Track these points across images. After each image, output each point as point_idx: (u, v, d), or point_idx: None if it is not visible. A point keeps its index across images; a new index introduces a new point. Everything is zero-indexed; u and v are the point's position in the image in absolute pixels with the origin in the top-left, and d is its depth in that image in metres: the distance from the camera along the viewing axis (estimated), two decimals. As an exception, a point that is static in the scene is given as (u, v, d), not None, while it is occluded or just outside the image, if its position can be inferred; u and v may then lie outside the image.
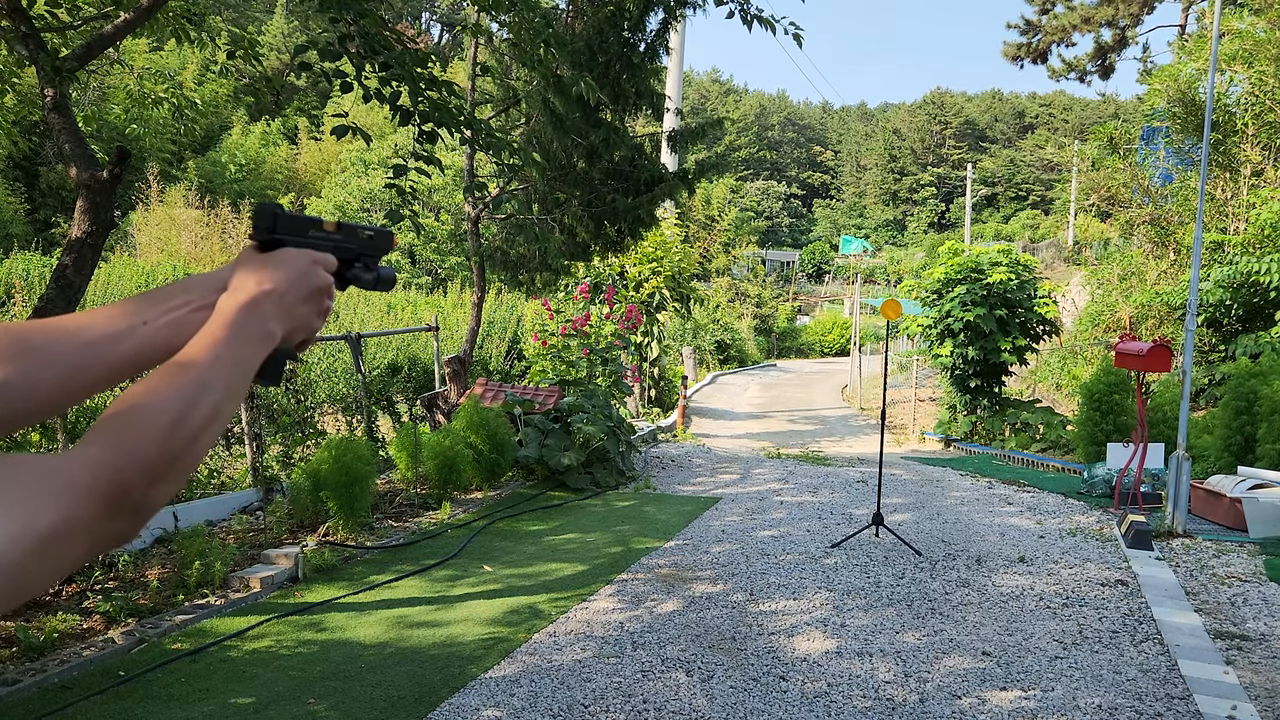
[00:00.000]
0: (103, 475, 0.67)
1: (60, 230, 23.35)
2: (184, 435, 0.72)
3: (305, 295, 0.90)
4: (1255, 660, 4.73)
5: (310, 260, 0.92)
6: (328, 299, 0.93)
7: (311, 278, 0.91)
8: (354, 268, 1.01)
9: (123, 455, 0.68)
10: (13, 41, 4.92)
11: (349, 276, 1.01)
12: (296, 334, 0.90)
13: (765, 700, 4.17)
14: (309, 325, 0.91)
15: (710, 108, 72.90)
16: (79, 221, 4.62)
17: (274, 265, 0.89)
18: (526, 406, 9.60)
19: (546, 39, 6.15)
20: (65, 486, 0.65)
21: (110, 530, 0.68)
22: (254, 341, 0.83)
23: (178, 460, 0.71)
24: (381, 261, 1.06)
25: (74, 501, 0.65)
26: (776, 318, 37.72)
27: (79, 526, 0.65)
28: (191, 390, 0.74)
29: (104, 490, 0.67)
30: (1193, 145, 14.76)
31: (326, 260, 0.95)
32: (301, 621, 5.18)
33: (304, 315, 0.90)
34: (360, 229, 1.02)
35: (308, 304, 0.90)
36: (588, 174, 9.55)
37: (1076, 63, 34.82)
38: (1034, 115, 75.74)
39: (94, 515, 0.66)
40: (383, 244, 1.04)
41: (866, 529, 7.24)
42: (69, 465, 0.66)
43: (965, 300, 13.28)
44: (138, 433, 0.70)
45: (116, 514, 0.68)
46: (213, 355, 0.78)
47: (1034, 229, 57.62)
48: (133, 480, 0.68)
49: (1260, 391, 8.61)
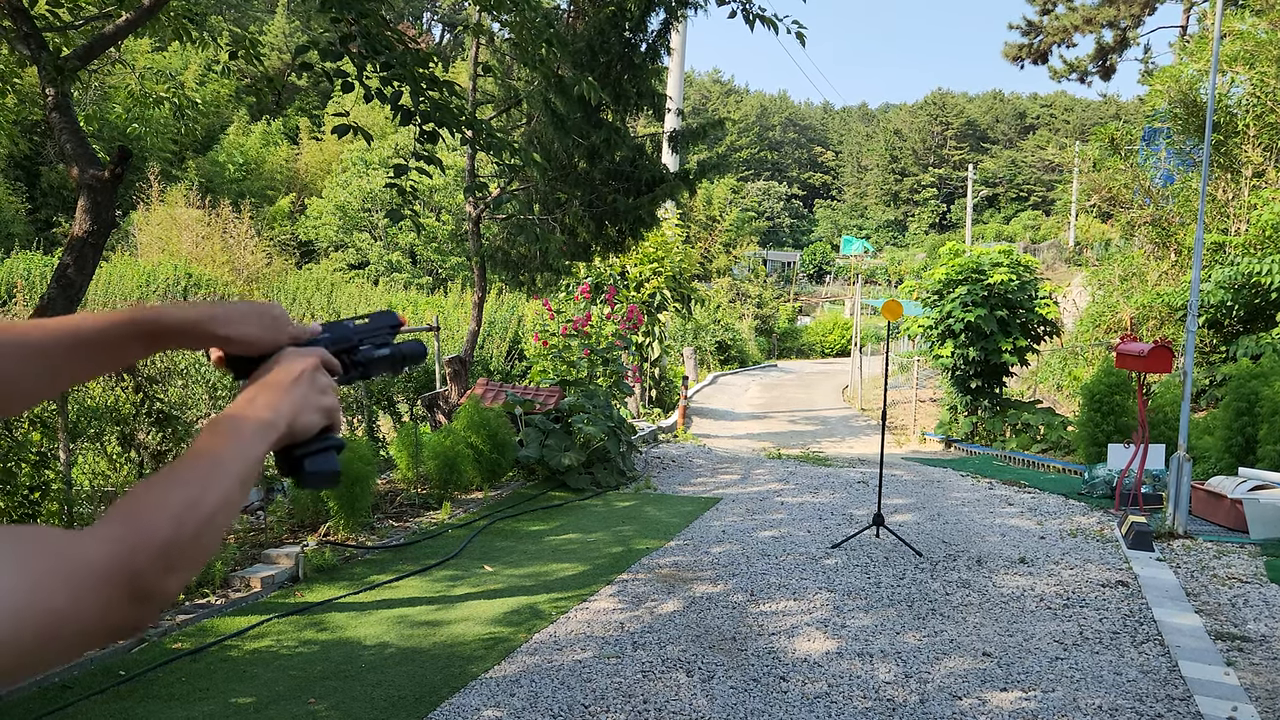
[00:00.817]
0: (119, 558, 0.67)
1: (61, 230, 23.37)
2: (198, 519, 0.72)
3: (290, 380, 0.90)
4: (1256, 661, 4.73)
5: (282, 353, 0.93)
6: (318, 375, 0.93)
7: (288, 364, 0.91)
8: (359, 351, 1.02)
9: (138, 538, 0.68)
10: (14, 41, 4.92)
11: (359, 360, 1.02)
12: (304, 414, 0.89)
13: (766, 701, 4.17)
14: (311, 403, 0.90)
15: (711, 108, 72.90)
16: (80, 221, 4.62)
17: (256, 376, 0.91)
18: (527, 407, 9.60)
19: (548, 39, 6.15)
20: (82, 567, 0.65)
21: (123, 616, 0.68)
22: (252, 433, 0.83)
23: (192, 545, 0.72)
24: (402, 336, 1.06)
25: (89, 583, 0.65)
26: (777, 318, 37.72)
27: (93, 610, 0.65)
28: (198, 479, 0.75)
29: (120, 574, 0.66)
30: (1194, 146, 14.75)
31: (301, 351, 0.95)
32: (302, 621, 5.18)
33: (298, 395, 0.89)
34: (348, 321, 1.03)
35: (296, 386, 0.90)
36: (589, 174, 9.55)
37: (1078, 63, 34.82)
38: (1035, 116, 75.74)
39: (109, 599, 0.66)
40: (381, 322, 1.05)
41: (867, 530, 7.24)
42: (85, 545, 0.66)
43: (966, 301, 13.27)
44: (152, 517, 0.70)
45: (130, 600, 0.67)
46: (215, 449, 0.79)
47: (1035, 230, 57.61)
48: (148, 565, 0.68)
49: (1261, 392, 8.61)
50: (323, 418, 0.91)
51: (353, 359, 1.01)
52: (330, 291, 19.85)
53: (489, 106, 10.47)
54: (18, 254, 18.78)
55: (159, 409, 6.08)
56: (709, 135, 10.58)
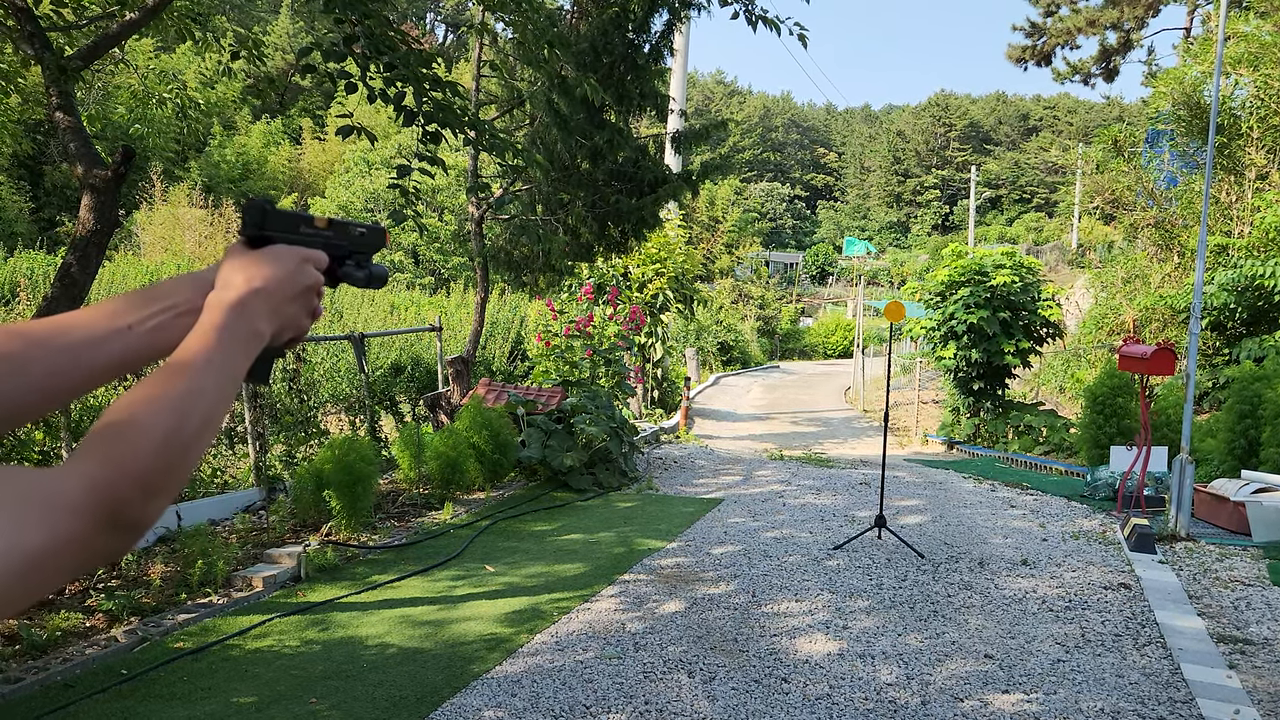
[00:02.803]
0: (97, 491, 0.65)
1: (65, 229, 23.41)
2: (179, 446, 0.71)
3: (294, 293, 0.88)
4: (1258, 664, 4.72)
5: (300, 257, 0.90)
6: (317, 297, 0.91)
7: (301, 275, 0.89)
8: (345, 265, 0.99)
9: (118, 470, 0.67)
10: (18, 41, 4.93)
11: (340, 274, 0.99)
12: (285, 332, 0.88)
13: (767, 702, 4.17)
14: (298, 324, 0.89)
15: (714, 109, 72.90)
16: (84, 220, 4.63)
17: (263, 262, 0.87)
18: (529, 407, 9.60)
19: (551, 40, 6.15)
20: (57, 504, 0.64)
21: (105, 546, 0.67)
22: (243, 343, 0.81)
23: (173, 472, 0.70)
24: (375, 258, 1.04)
25: (66, 519, 0.64)
26: (780, 319, 37.73)
27: (71, 544, 0.64)
28: (184, 400, 0.73)
29: (99, 507, 0.65)
30: (1197, 148, 14.73)
31: (317, 257, 0.92)
32: (304, 621, 5.18)
33: (293, 314, 0.88)
34: (352, 225, 1.00)
35: (297, 302, 0.88)
36: (592, 175, 9.55)
37: (1081, 65, 34.81)
38: (1038, 118, 75.64)
39: (88, 533, 0.65)
40: (375, 241, 1.02)
41: (869, 531, 7.24)
42: (62, 481, 0.65)
43: (969, 303, 13.26)
44: (132, 446, 0.68)
45: (110, 529, 0.66)
46: (204, 360, 0.77)
47: (1038, 231, 57.54)
48: (129, 495, 0.67)
49: (1264, 395, 8.59)
50: (297, 334, 0.90)
51: (335, 272, 0.98)
52: (331, 291, 19.85)
53: (492, 107, 10.47)
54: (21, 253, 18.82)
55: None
56: (712, 136, 10.58)
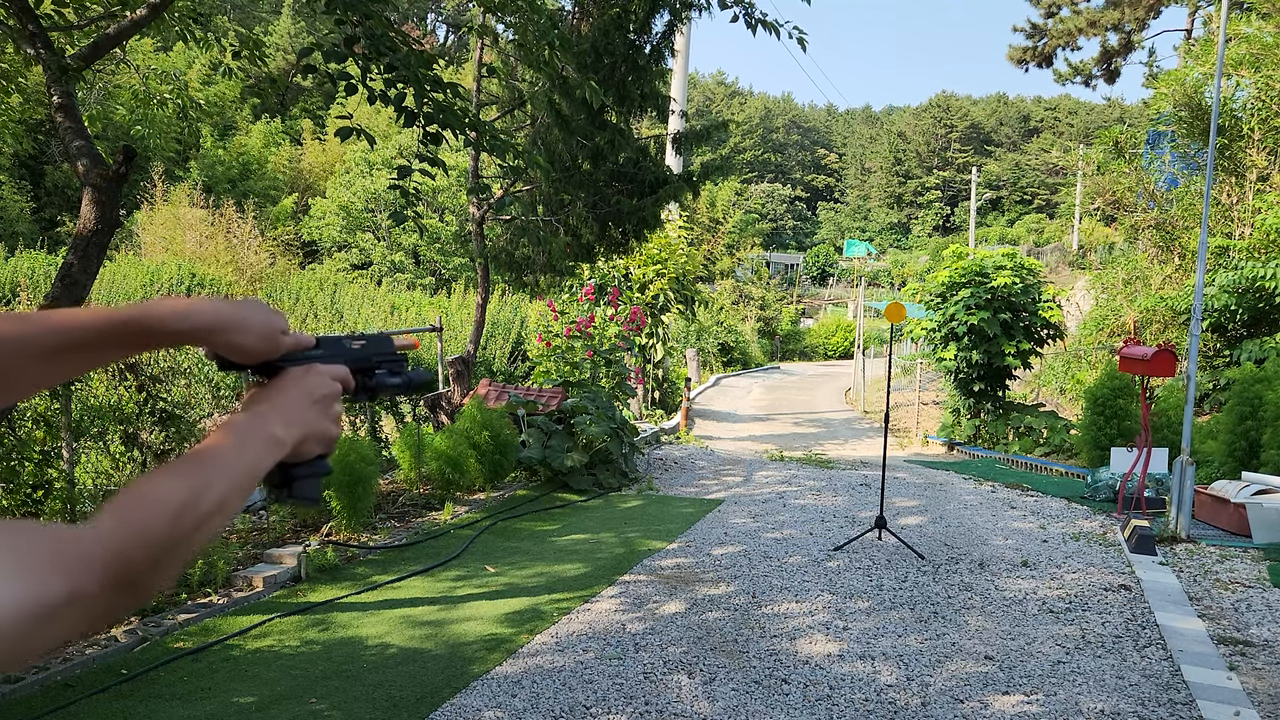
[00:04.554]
0: (112, 550, 0.70)
1: (65, 229, 23.43)
2: (190, 521, 0.75)
3: (309, 401, 0.92)
4: (1259, 666, 4.72)
5: (310, 370, 0.95)
6: (334, 404, 0.95)
7: (314, 385, 0.94)
8: (375, 375, 1.04)
9: (131, 531, 0.72)
10: (20, 40, 4.93)
11: (373, 384, 1.04)
12: (309, 440, 0.92)
13: (767, 703, 4.17)
14: (322, 430, 0.93)
15: (715, 110, 72.88)
16: (85, 220, 4.63)
17: (277, 385, 0.93)
18: (530, 407, 9.60)
19: (552, 41, 6.15)
20: (78, 560, 0.68)
21: (111, 604, 0.71)
22: (260, 444, 0.86)
23: (181, 544, 0.75)
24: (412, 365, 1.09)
25: (84, 574, 0.68)
26: (780, 320, 37.74)
27: (85, 599, 0.68)
28: (199, 480, 0.78)
29: (111, 565, 0.69)
30: (1198, 150, 14.73)
31: (331, 369, 0.97)
32: (304, 621, 5.19)
33: (312, 420, 0.92)
34: (346, 339, 1.03)
35: (313, 409, 0.93)
36: (592, 176, 9.55)
37: (1082, 66, 34.80)
38: (1039, 119, 75.58)
39: (100, 589, 0.69)
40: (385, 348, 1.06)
41: (870, 532, 7.23)
42: (83, 539, 0.69)
43: (969, 304, 13.26)
44: (147, 513, 0.73)
45: (119, 590, 0.70)
46: (219, 452, 0.82)
47: (1039, 233, 57.50)
48: (137, 559, 0.71)
49: (1265, 397, 8.59)
50: (325, 447, 0.94)
51: (367, 382, 1.03)
52: (333, 292, 19.84)
53: (493, 108, 10.47)
54: (22, 253, 18.84)
55: (162, 408, 6.09)
56: (713, 137, 10.58)
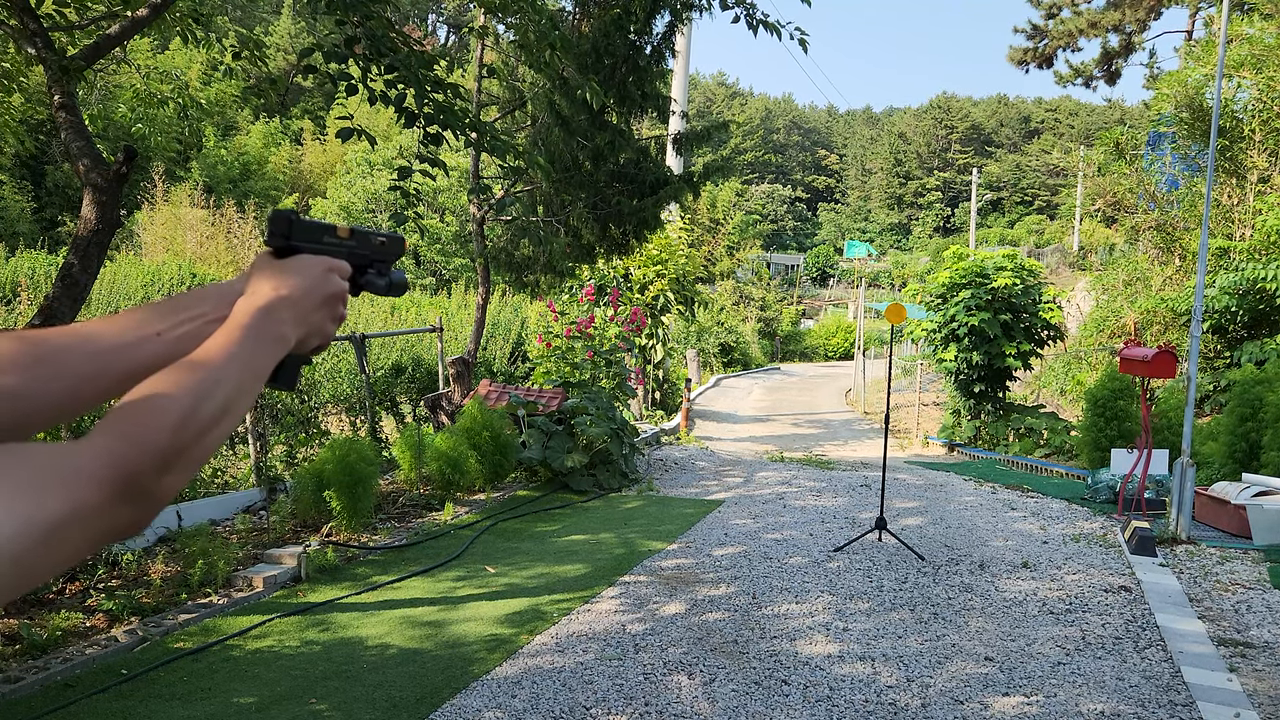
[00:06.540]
0: (113, 463, 0.67)
1: (66, 229, 23.44)
2: (195, 427, 0.73)
3: (320, 301, 0.91)
4: (1259, 668, 4.71)
5: (325, 267, 0.93)
6: (341, 305, 0.94)
7: (326, 284, 0.92)
8: (367, 274, 1.02)
9: (133, 444, 0.69)
10: (21, 40, 4.93)
11: (362, 282, 1.02)
12: (310, 339, 0.91)
13: (767, 704, 4.17)
14: (323, 331, 0.92)
15: (716, 111, 72.88)
16: (85, 220, 4.63)
17: (290, 271, 0.90)
18: (530, 408, 9.60)
19: (553, 41, 6.15)
20: (74, 474, 0.65)
21: (121, 518, 0.68)
22: (268, 344, 0.84)
23: (188, 451, 0.72)
24: (394, 266, 1.07)
25: (84, 489, 0.65)
26: (780, 321, 37.75)
27: (88, 514, 0.66)
28: (204, 385, 0.75)
29: (115, 477, 0.67)
30: (1199, 151, 14.74)
31: (341, 267, 0.96)
32: (304, 621, 5.18)
33: (318, 321, 0.91)
34: (373, 235, 1.02)
35: (322, 310, 0.92)
36: (593, 176, 9.55)
37: (1083, 68, 34.82)
38: (1040, 120, 75.59)
39: (104, 503, 0.66)
40: (395, 249, 1.05)
41: (870, 533, 7.23)
42: (79, 453, 0.67)
43: (970, 305, 13.26)
44: (149, 423, 0.71)
45: (127, 501, 0.68)
46: (226, 354, 0.79)
47: (1039, 234, 57.51)
48: (144, 468, 0.69)
49: (1265, 398, 8.59)
50: (322, 341, 0.93)
51: (357, 280, 1.01)
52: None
53: (494, 108, 10.47)
54: (22, 253, 18.83)
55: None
56: (713, 138, 10.59)
